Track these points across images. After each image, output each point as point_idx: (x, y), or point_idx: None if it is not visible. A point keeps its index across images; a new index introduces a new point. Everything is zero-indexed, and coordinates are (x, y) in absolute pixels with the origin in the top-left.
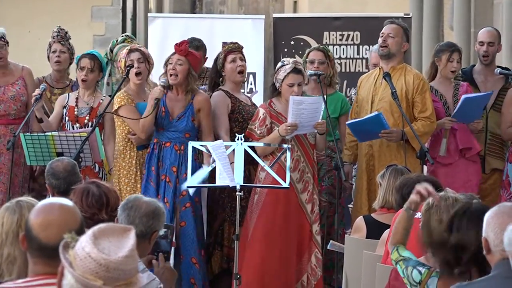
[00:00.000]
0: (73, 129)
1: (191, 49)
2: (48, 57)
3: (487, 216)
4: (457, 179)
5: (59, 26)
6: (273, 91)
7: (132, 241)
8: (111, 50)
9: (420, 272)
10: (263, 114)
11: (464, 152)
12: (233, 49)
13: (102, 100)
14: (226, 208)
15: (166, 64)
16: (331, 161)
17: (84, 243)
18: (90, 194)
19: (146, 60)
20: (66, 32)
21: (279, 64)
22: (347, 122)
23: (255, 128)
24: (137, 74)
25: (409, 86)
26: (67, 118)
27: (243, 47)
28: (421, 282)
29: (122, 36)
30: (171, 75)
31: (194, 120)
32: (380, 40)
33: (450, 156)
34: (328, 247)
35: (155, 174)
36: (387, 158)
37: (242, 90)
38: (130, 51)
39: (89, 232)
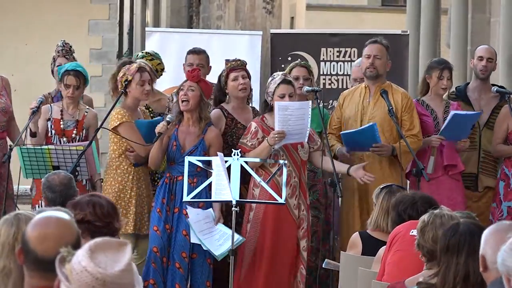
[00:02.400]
0: (61, 142)
1: (195, 53)
2: (52, 71)
3: (485, 233)
4: (441, 196)
5: (64, 40)
6: (265, 107)
7: (128, 255)
8: None
9: None
10: (255, 128)
11: (448, 169)
12: (236, 66)
13: (86, 112)
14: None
15: (177, 92)
16: (314, 176)
17: (81, 257)
18: (103, 204)
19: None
20: (71, 47)
21: (269, 79)
22: (341, 132)
23: (246, 141)
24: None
25: (398, 104)
26: (53, 131)
27: (246, 64)
28: None
29: (142, 52)
30: (182, 101)
31: (205, 155)
32: (365, 61)
33: (434, 172)
34: (323, 266)
35: (164, 204)
36: (378, 174)
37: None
38: (142, 70)
39: (85, 246)
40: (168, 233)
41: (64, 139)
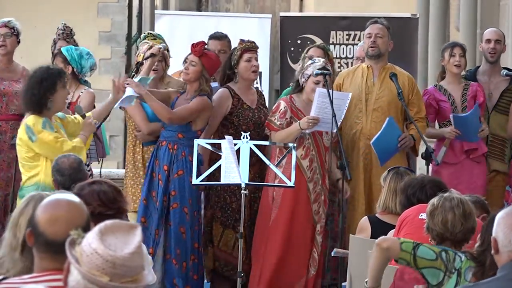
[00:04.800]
0: None
1: (216, 39)
2: (53, 53)
3: (498, 216)
4: (461, 180)
5: (64, 24)
6: (295, 87)
7: (139, 238)
8: (137, 48)
9: (461, 259)
10: (284, 107)
11: (469, 153)
12: (250, 48)
13: (82, 93)
14: (216, 208)
15: (185, 61)
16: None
17: (91, 239)
18: (106, 191)
19: (164, 60)
20: (71, 30)
21: (309, 62)
22: (371, 142)
23: (274, 119)
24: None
25: (404, 86)
26: None
27: (258, 47)
28: (460, 268)
29: (144, 33)
30: (184, 72)
31: (190, 123)
32: (367, 40)
33: (455, 156)
34: (332, 254)
35: (150, 172)
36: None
37: (257, 85)
38: (153, 54)
39: (96, 229)
40: (154, 201)
41: None
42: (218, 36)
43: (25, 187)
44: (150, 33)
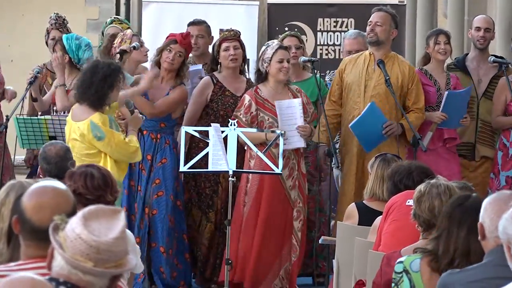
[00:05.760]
0: (53, 110)
1: (194, 24)
2: (47, 43)
3: (485, 202)
4: (440, 166)
5: (57, 13)
6: (258, 77)
7: (122, 223)
8: (103, 34)
9: (402, 262)
10: (248, 101)
11: (447, 141)
12: (228, 36)
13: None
14: (192, 191)
15: (166, 50)
16: (307, 148)
17: (75, 225)
18: (94, 176)
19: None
20: (64, 19)
21: (263, 48)
22: (350, 125)
23: (240, 115)
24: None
25: (405, 76)
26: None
27: (240, 34)
28: (404, 267)
29: (110, 18)
30: (168, 62)
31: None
32: (368, 28)
33: (433, 143)
34: (320, 242)
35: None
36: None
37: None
38: (136, 34)
39: (79, 214)
40: (133, 190)
41: (55, 107)
42: (196, 22)
43: None
44: (117, 18)
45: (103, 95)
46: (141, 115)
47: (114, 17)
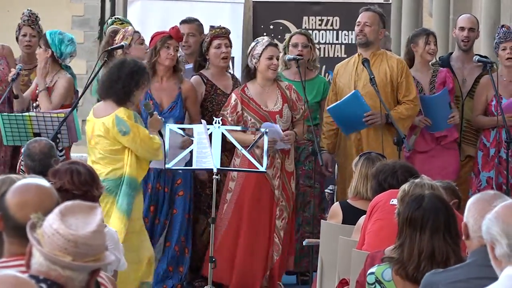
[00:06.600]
0: (33, 107)
1: (185, 22)
2: (17, 38)
3: (469, 202)
4: (433, 166)
5: (30, 10)
6: (247, 74)
7: (99, 217)
8: (105, 34)
9: (374, 273)
10: (234, 101)
11: (440, 140)
12: (220, 34)
13: (59, 77)
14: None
15: (164, 47)
16: (312, 145)
17: (52, 221)
18: (81, 172)
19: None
20: (37, 16)
21: (253, 44)
22: (327, 108)
23: (226, 114)
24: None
25: (393, 70)
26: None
27: (230, 32)
28: (376, 278)
29: (111, 18)
30: (169, 58)
31: (184, 108)
32: (356, 28)
33: (427, 144)
34: (304, 244)
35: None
36: (376, 143)
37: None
38: (137, 31)
39: (56, 210)
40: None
41: (36, 103)
42: (188, 20)
43: (107, 180)
44: (118, 18)
45: (129, 91)
46: (160, 117)
47: (115, 17)
